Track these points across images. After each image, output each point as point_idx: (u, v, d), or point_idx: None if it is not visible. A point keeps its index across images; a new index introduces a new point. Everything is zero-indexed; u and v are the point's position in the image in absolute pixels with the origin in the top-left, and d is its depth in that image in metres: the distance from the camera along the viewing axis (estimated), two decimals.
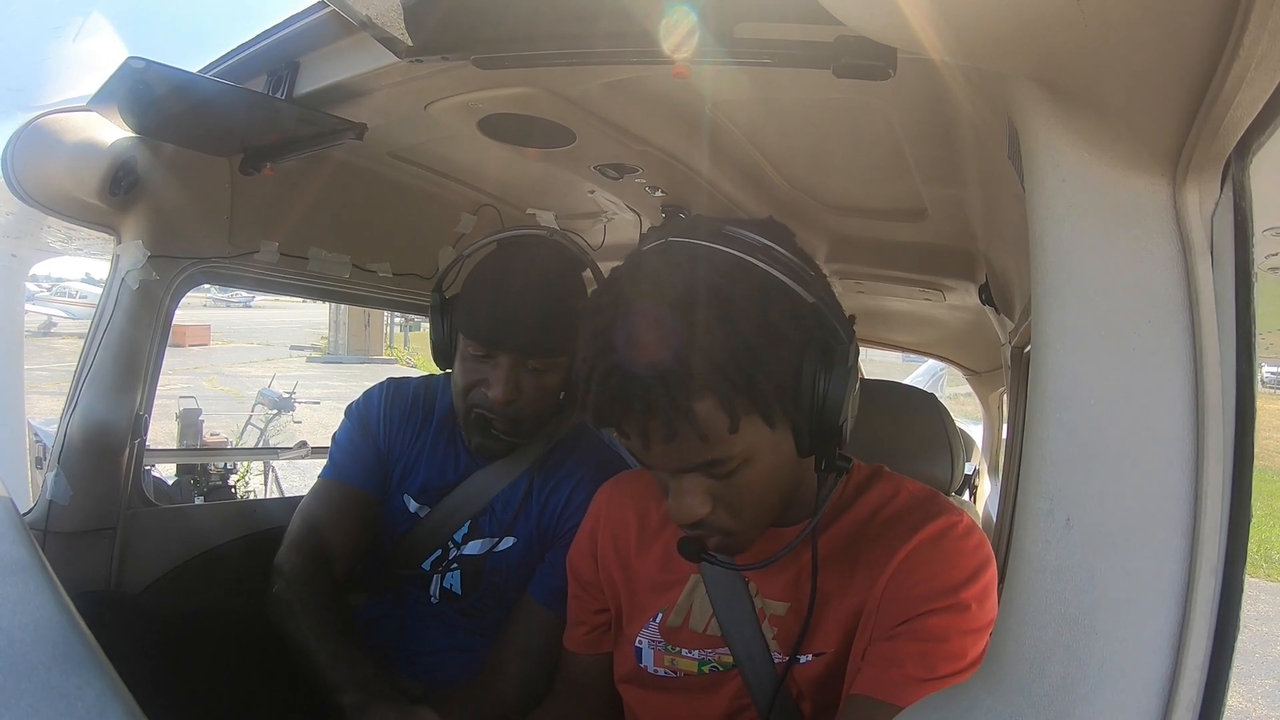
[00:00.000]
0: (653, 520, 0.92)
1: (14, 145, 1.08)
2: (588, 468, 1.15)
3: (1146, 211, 0.44)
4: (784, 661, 0.80)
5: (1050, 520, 0.44)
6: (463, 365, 1.08)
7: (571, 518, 1.12)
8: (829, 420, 0.68)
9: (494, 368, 1.05)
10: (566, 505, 1.14)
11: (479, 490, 1.16)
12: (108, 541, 1.16)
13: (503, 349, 1.04)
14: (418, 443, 1.21)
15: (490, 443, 1.10)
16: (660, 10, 0.69)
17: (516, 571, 1.15)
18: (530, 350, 1.05)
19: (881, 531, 0.79)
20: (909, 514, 0.79)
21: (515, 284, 1.05)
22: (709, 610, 0.85)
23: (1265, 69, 0.36)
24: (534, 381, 1.07)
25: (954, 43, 0.44)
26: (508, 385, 1.05)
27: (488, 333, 1.04)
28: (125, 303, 1.16)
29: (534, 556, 1.15)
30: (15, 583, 0.53)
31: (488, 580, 1.15)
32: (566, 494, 1.14)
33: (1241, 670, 3.87)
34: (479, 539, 1.16)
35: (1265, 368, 8.69)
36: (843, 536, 0.81)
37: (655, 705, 0.88)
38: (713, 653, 0.85)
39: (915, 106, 0.91)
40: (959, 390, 4.74)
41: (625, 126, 1.12)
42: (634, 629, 0.89)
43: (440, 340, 1.12)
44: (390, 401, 1.24)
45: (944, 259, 1.58)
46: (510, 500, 1.15)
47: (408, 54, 0.84)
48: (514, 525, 1.14)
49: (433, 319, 1.12)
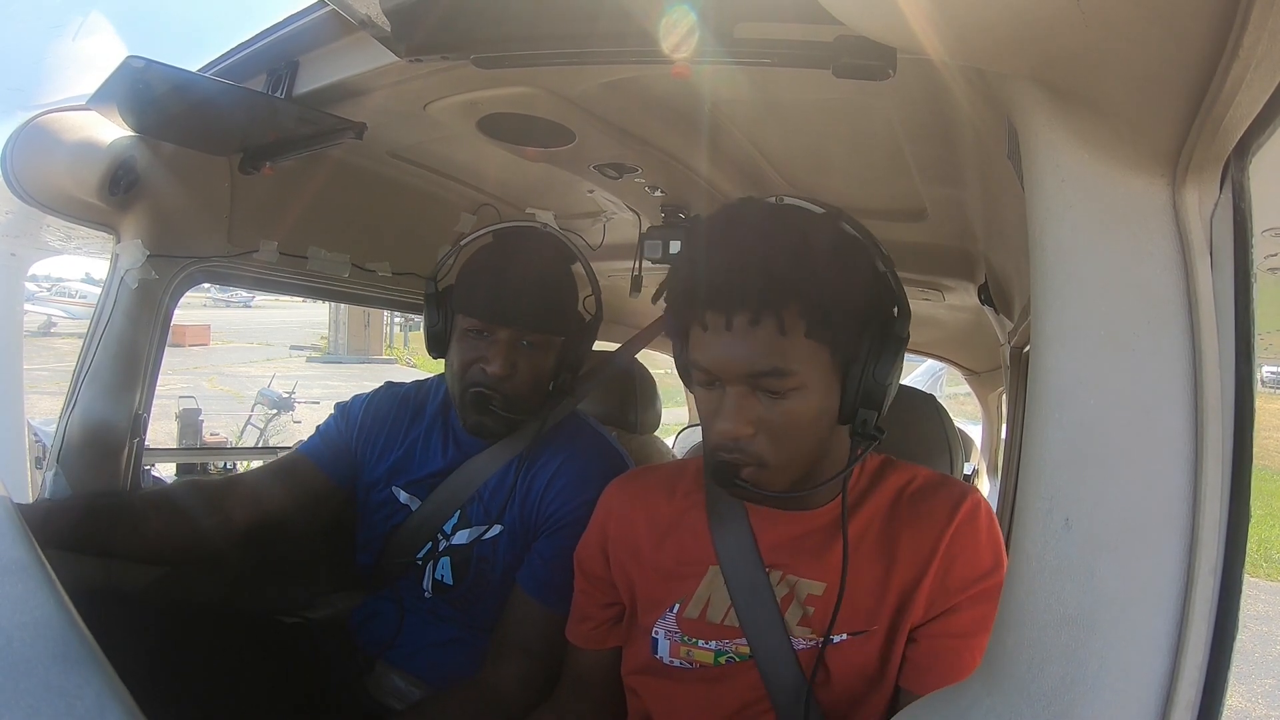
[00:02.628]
0: (664, 516, 0.92)
1: (14, 144, 1.08)
2: (569, 451, 1.17)
3: (1146, 212, 0.44)
4: (807, 648, 0.81)
5: (1050, 520, 0.44)
6: (460, 345, 1.12)
7: (553, 502, 1.14)
8: (878, 380, 0.75)
9: (491, 343, 1.09)
10: (548, 489, 1.15)
11: (468, 479, 1.18)
12: None
13: (501, 322, 1.08)
14: (409, 436, 1.24)
15: (488, 420, 1.12)
16: (660, 10, 0.69)
17: (503, 559, 1.16)
18: (527, 324, 1.09)
19: (912, 514, 0.83)
20: (934, 494, 0.84)
21: (514, 264, 1.10)
22: (727, 601, 0.85)
23: (1265, 69, 0.36)
24: (529, 358, 1.11)
25: (954, 43, 0.44)
26: (506, 359, 1.09)
27: (487, 307, 1.08)
28: (125, 302, 1.16)
29: (519, 544, 1.16)
30: (15, 583, 0.53)
31: (475, 568, 1.16)
32: (548, 478, 1.16)
33: (1241, 670, 3.88)
34: (467, 528, 1.17)
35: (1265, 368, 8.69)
36: (875, 519, 0.84)
37: (668, 696, 0.88)
38: (730, 644, 0.85)
39: (915, 106, 0.91)
40: (959, 390, 4.74)
41: (624, 126, 1.12)
42: (650, 620, 0.90)
43: (434, 326, 1.15)
44: (379, 400, 1.28)
45: (944, 259, 1.58)
46: (498, 488, 1.17)
47: (407, 53, 0.84)
48: (501, 513, 1.16)
49: (427, 308, 1.15)
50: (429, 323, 1.16)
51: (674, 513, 0.92)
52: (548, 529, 1.14)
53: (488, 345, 1.09)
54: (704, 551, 0.87)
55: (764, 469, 0.77)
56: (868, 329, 0.75)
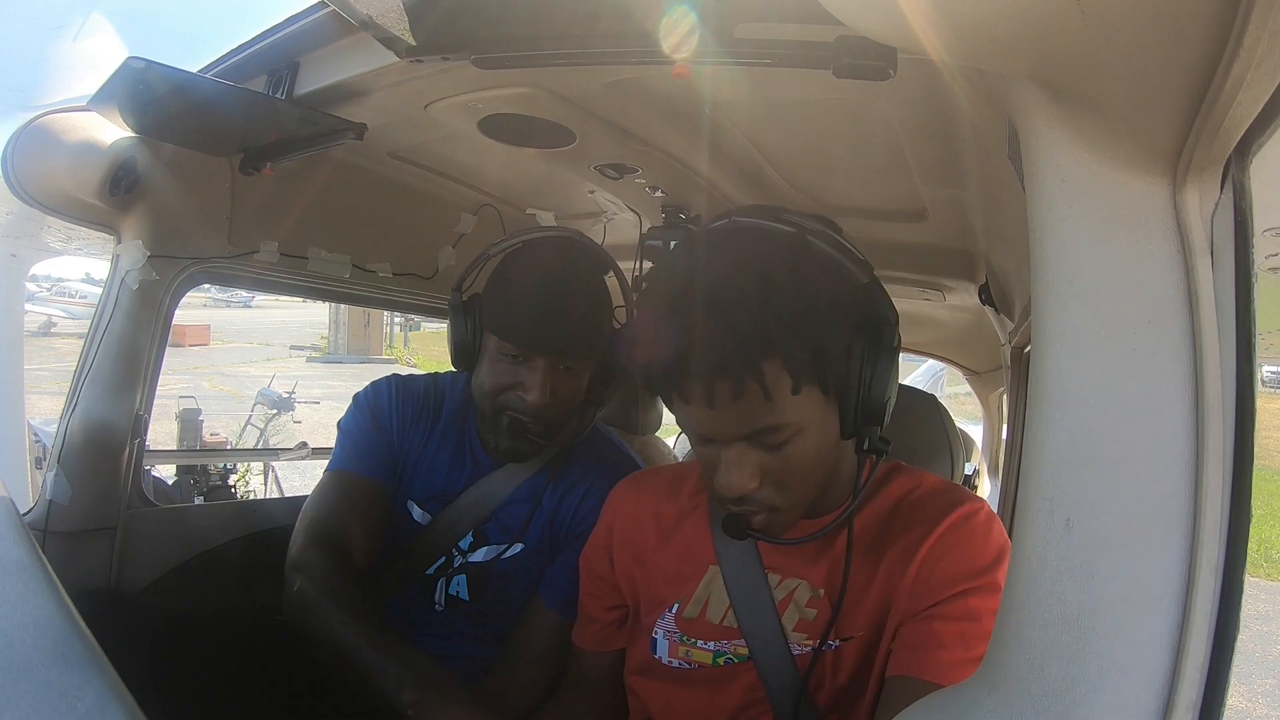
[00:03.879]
0: (668, 517, 0.92)
1: (14, 145, 1.08)
2: (599, 471, 1.13)
3: (1146, 212, 0.44)
4: (804, 652, 0.81)
5: (1050, 520, 0.44)
6: (492, 367, 1.04)
7: (584, 521, 1.10)
8: (876, 398, 0.71)
9: (530, 370, 1.02)
10: (579, 508, 1.12)
11: (483, 498, 1.13)
12: (107, 541, 1.16)
13: (542, 351, 1.01)
14: (427, 446, 1.17)
15: (523, 446, 1.06)
16: (660, 10, 0.69)
17: (524, 577, 1.13)
18: (569, 353, 1.02)
19: (907, 520, 0.81)
20: (932, 501, 0.82)
21: (552, 284, 1.01)
22: (726, 602, 0.85)
23: (1265, 69, 0.36)
24: (567, 382, 1.05)
25: (954, 43, 0.44)
26: (544, 389, 1.02)
27: (528, 335, 1.01)
28: (125, 303, 1.16)
29: (543, 561, 1.13)
30: (15, 583, 0.53)
31: (495, 585, 1.14)
32: (579, 497, 1.12)
33: (1241, 670, 3.88)
34: (485, 545, 1.14)
35: (1265, 367, 8.69)
36: (871, 526, 0.82)
37: (668, 697, 0.88)
38: (729, 644, 0.85)
39: (915, 106, 0.91)
40: (959, 390, 4.73)
41: (625, 126, 1.12)
42: (650, 620, 0.90)
43: (463, 340, 1.07)
44: (401, 397, 1.19)
45: (944, 259, 1.58)
46: (518, 507, 1.13)
47: (408, 54, 0.84)
48: (524, 532, 1.12)
49: (453, 319, 1.07)
50: (454, 336, 1.07)
51: (678, 514, 0.92)
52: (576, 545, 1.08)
53: (526, 371, 1.02)
54: (704, 552, 0.87)
55: (775, 513, 0.76)
56: (855, 349, 0.71)
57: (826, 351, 0.69)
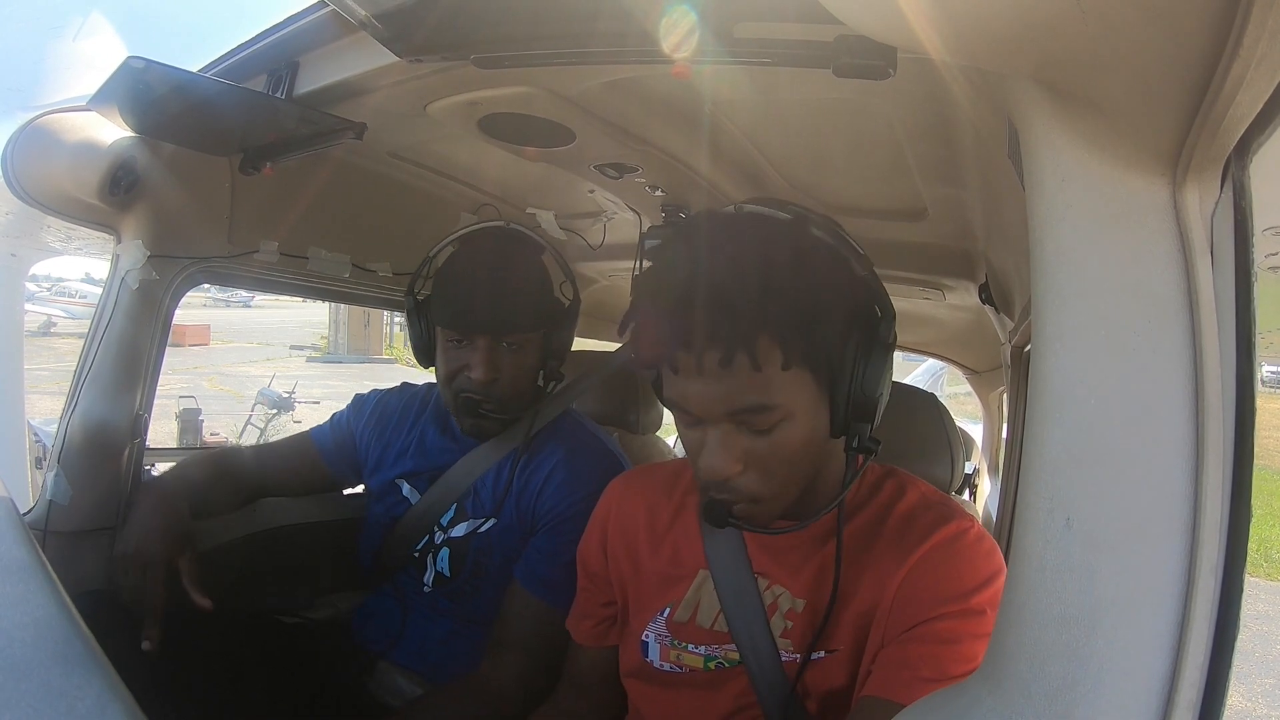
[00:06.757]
0: (662, 517, 0.92)
1: (14, 145, 1.08)
2: (566, 449, 1.20)
3: (1146, 211, 0.44)
4: (792, 659, 0.80)
5: (1050, 520, 0.44)
6: (444, 355, 1.16)
7: (550, 499, 1.16)
8: (868, 392, 0.71)
9: (473, 351, 1.14)
10: (545, 484, 1.17)
11: (464, 474, 1.21)
12: (108, 541, 1.16)
13: (479, 331, 1.13)
14: (414, 431, 1.29)
15: (482, 422, 1.18)
16: (660, 10, 0.69)
17: (498, 552, 1.18)
18: (502, 330, 1.13)
19: (895, 533, 0.79)
20: (922, 516, 0.80)
21: (480, 271, 1.14)
22: (716, 606, 0.84)
23: (1265, 69, 0.36)
24: (512, 359, 1.16)
25: (954, 43, 0.44)
26: (487, 365, 1.13)
27: (461, 319, 1.13)
28: (125, 302, 1.16)
29: (515, 537, 1.18)
30: (15, 583, 0.53)
31: (472, 560, 1.19)
32: (545, 474, 1.18)
33: (1241, 670, 3.87)
34: (464, 520, 1.20)
35: (1265, 367, 8.69)
36: (858, 535, 0.81)
37: (660, 701, 0.88)
38: (719, 649, 0.84)
39: (915, 106, 0.91)
40: (959, 390, 4.74)
41: (625, 126, 1.12)
42: (640, 623, 0.89)
43: (419, 338, 1.21)
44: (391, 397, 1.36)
45: (944, 259, 1.58)
46: (494, 483, 1.20)
47: (407, 53, 0.84)
48: (498, 508, 1.19)
49: (409, 321, 1.21)
50: (412, 335, 1.22)
51: (671, 515, 0.91)
52: (546, 525, 1.15)
53: (469, 353, 1.14)
54: (695, 555, 0.87)
55: (757, 503, 0.75)
56: (850, 340, 0.71)
57: (820, 334, 0.69)
